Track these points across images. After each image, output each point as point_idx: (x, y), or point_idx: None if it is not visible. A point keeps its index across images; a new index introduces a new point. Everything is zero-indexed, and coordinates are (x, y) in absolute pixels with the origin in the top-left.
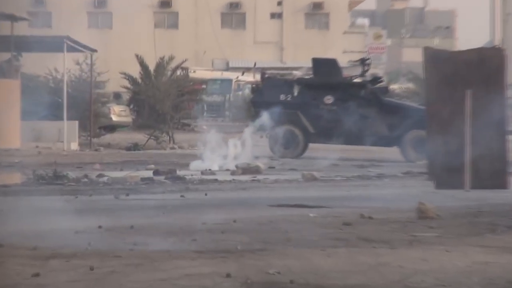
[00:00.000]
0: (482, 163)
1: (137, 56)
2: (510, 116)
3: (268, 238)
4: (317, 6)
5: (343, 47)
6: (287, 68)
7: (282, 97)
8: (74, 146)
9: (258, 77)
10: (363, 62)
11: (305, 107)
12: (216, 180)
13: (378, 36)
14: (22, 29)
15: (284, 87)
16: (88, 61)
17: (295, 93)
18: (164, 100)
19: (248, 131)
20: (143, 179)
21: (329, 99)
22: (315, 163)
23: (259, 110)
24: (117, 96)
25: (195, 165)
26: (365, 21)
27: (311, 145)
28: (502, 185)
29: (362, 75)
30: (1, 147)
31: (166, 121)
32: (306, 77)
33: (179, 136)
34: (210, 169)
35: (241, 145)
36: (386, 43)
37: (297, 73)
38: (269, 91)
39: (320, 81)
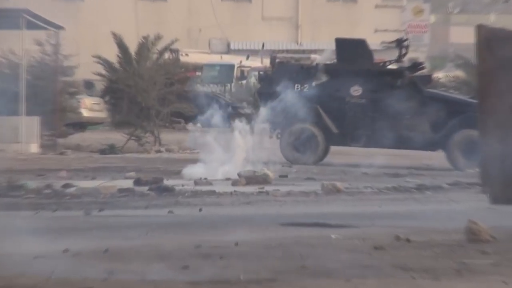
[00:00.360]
0: None
1: (114, 34)
2: None
3: (279, 265)
4: None
5: (374, 25)
6: (303, 51)
7: (297, 87)
8: (34, 148)
9: (267, 62)
10: (399, 43)
11: (327, 100)
12: (213, 191)
13: (418, 11)
14: None
15: (300, 75)
16: (53, 41)
17: (314, 83)
18: (149, 91)
19: (244, 128)
20: (121, 190)
21: (356, 90)
22: (339, 170)
23: (268, 104)
24: (89, 86)
25: (191, 171)
26: None
27: (333, 148)
28: None
29: (398, 60)
30: None
31: (151, 117)
32: (328, 62)
33: (167, 136)
34: (206, 178)
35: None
36: (429, 20)
37: (317, 57)
38: (281, 79)
39: (346, 67)
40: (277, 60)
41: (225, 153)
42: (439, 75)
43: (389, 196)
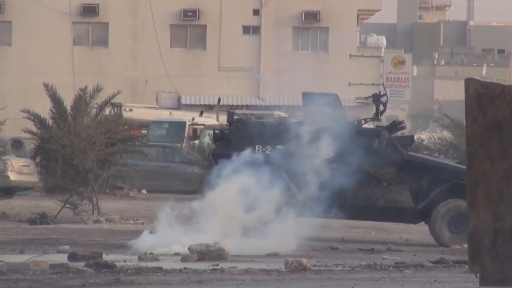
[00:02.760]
0: None
1: (46, 85)
2: None
3: None
4: (311, 17)
5: (348, 78)
6: (266, 107)
7: (258, 149)
8: None
9: (223, 119)
10: (377, 99)
11: (292, 163)
12: (160, 268)
13: (399, 62)
14: None
15: (262, 134)
16: None
17: (278, 143)
18: (86, 152)
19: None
20: (53, 266)
21: (327, 152)
22: (306, 245)
23: (224, 167)
24: (17, 145)
25: (143, 242)
26: (381, 40)
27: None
28: None
29: (376, 118)
30: None
31: (89, 183)
32: (294, 120)
33: (108, 205)
34: (151, 253)
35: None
36: (411, 73)
37: (281, 114)
38: (240, 139)
39: (315, 126)
40: (235, 117)
41: (183, 223)
42: (422, 136)
43: (363, 275)
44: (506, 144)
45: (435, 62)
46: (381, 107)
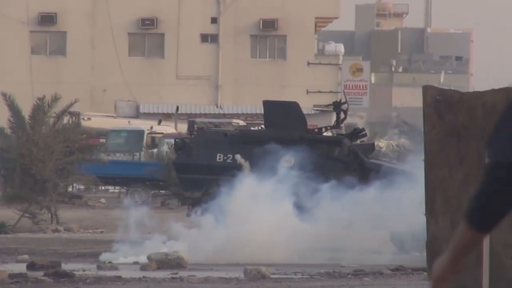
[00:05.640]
0: (506, 255)
1: (3, 95)
2: None
3: None
4: (269, 25)
5: (306, 85)
6: (224, 115)
7: (219, 157)
8: None
9: (182, 127)
10: (337, 107)
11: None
12: (119, 277)
13: (357, 69)
14: None
15: (222, 143)
16: None
17: (239, 152)
18: (45, 161)
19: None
20: (12, 275)
21: (288, 161)
22: None
23: (184, 177)
24: None
25: (112, 253)
26: (339, 48)
27: None
28: None
29: (336, 126)
30: None
31: (47, 192)
32: (254, 128)
33: (66, 214)
34: (110, 262)
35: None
36: (369, 80)
37: (240, 122)
38: (200, 148)
39: (274, 134)
40: (195, 126)
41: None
42: (381, 143)
43: (322, 283)
44: (464, 151)
45: (393, 69)
46: (342, 115)
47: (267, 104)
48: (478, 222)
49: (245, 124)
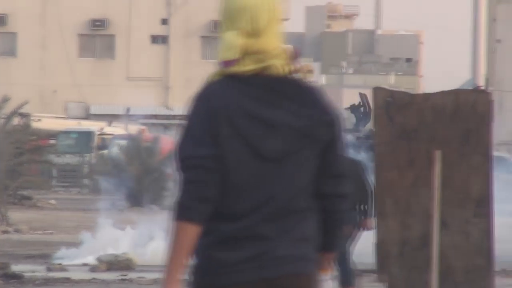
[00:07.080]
0: (455, 257)
1: None
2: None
3: None
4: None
5: None
6: (174, 117)
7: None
8: None
9: (132, 128)
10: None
11: None
12: (68, 279)
13: (307, 71)
14: None
15: None
16: None
17: None
18: None
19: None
20: None
21: None
22: None
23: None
24: None
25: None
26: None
27: None
28: None
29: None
30: None
31: None
32: None
33: (16, 215)
34: (60, 263)
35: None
36: (319, 81)
37: None
38: None
39: None
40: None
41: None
42: None
43: None
44: (414, 153)
45: (343, 71)
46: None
47: None
48: (193, 213)
49: None
